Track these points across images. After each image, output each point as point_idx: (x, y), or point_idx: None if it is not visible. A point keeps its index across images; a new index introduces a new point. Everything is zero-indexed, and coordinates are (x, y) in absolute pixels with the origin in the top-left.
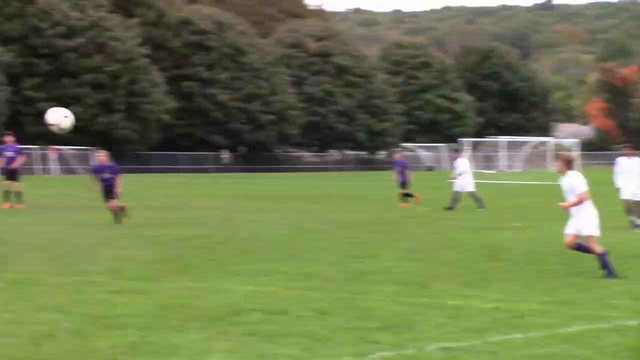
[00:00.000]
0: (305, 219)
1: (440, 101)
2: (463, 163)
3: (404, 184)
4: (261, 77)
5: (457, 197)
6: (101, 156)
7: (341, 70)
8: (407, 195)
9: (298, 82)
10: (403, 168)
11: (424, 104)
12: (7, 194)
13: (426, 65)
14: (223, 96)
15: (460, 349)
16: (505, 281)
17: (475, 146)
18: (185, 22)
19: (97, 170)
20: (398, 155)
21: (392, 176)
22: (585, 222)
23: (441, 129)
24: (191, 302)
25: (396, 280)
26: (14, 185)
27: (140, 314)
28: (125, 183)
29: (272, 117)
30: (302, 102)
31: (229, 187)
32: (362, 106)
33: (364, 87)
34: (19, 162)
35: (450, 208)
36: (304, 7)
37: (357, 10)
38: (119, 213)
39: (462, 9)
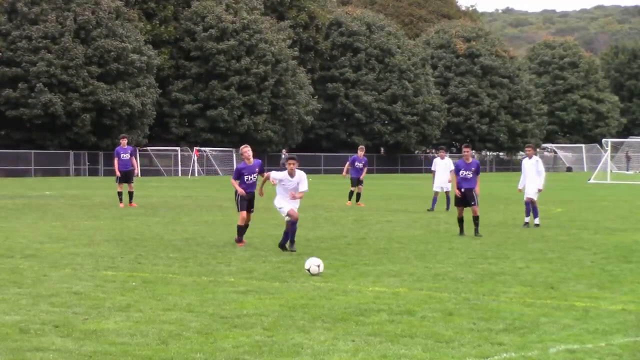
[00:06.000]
0: (439, 220)
1: (585, 101)
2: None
3: None
4: (406, 78)
5: None
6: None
7: (487, 71)
8: None
9: (443, 83)
10: None
11: (567, 105)
12: (121, 195)
13: (573, 65)
14: (367, 97)
15: (584, 351)
16: (636, 283)
17: (616, 147)
18: (336, 24)
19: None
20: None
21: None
22: None
23: (583, 130)
24: (318, 302)
25: (525, 282)
26: (129, 186)
27: (267, 314)
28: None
29: (414, 118)
30: (445, 103)
31: (365, 188)
32: (505, 107)
33: (509, 87)
34: (133, 164)
35: None
36: (455, 8)
37: (507, 11)
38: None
39: (614, 9)
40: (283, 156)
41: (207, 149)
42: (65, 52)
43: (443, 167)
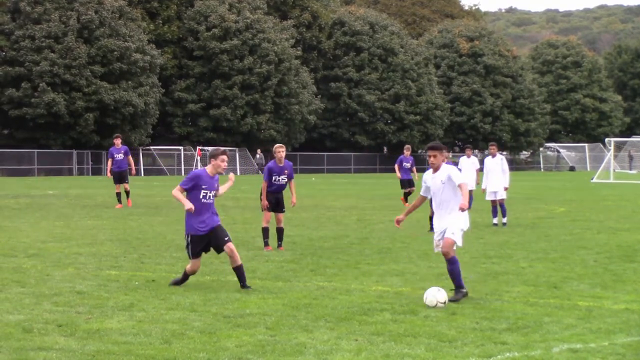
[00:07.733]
0: None
1: (588, 101)
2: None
3: None
4: (409, 78)
5: None
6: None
7: (490, 70)
8: None
9: (446, 82)
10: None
11: (570, 104)
12: (119, 195)
13: (576, 64)
14: (370, 97)
15: (587, 351)
16: (639, 282)
17: (619, 146)
18: (339, 24)
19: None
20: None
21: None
22: None
23: (586, 129)
24: (321, 301)
25: (528, 281)
26: (124, 186)
27: (270, 314)
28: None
29: (417, 117)
30: (448, 103)
31: (368, 188)
32: (508, 106)
33: (512, 87)
34: (130, 163)
35: None
36: (458, 7)
37: (510, 10)
38: None
39: (617, 8)
40: (257, 156)
41: (210, 148)
42: (68, 52)
43: (469, 165)
